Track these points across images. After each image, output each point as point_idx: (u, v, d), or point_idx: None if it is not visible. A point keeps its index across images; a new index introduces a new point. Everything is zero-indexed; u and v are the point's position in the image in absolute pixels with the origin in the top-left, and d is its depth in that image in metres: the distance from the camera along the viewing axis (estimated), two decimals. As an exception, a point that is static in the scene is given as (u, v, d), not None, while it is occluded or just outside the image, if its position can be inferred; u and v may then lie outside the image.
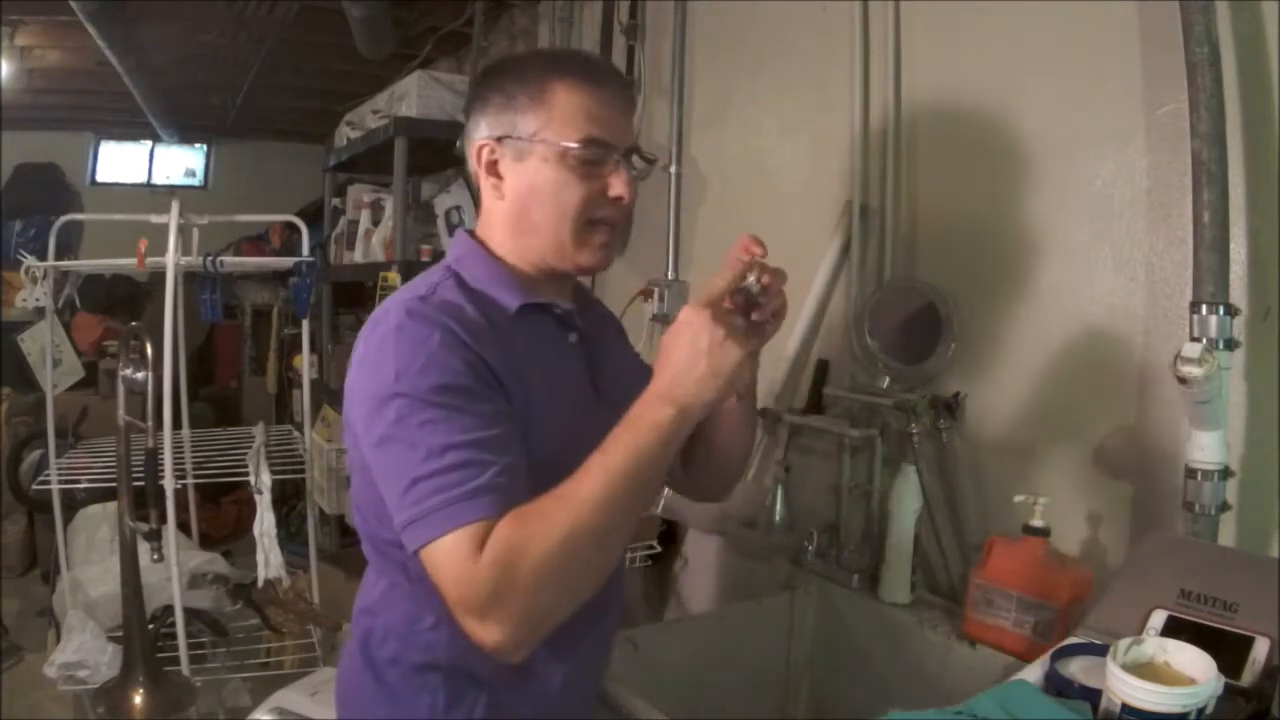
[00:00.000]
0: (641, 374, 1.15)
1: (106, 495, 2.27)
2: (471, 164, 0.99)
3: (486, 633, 0.78)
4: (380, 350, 0.87)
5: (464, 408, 0.83)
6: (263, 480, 2.03)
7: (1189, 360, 1.02)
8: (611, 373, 1.06)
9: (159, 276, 1.96)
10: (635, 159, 0.99)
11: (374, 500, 0.92)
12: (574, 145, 0.92)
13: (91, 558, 2.38)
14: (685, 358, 0.83)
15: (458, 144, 1.02)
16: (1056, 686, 0.88)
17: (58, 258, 2.17)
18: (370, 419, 0.85)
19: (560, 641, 0.88)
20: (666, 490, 1.50)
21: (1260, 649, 0.86)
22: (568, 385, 0.98)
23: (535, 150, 0.93)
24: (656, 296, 2.08)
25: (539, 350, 0.96)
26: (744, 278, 0.88)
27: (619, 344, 1.17)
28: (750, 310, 0.90)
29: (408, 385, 0.83)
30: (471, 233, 1.03)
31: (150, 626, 1.86)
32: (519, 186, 0.96)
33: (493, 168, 0.97)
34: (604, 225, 0.96)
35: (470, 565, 0.77)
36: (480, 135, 0.97)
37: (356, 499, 0.98)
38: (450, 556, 0.78)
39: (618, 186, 0.95)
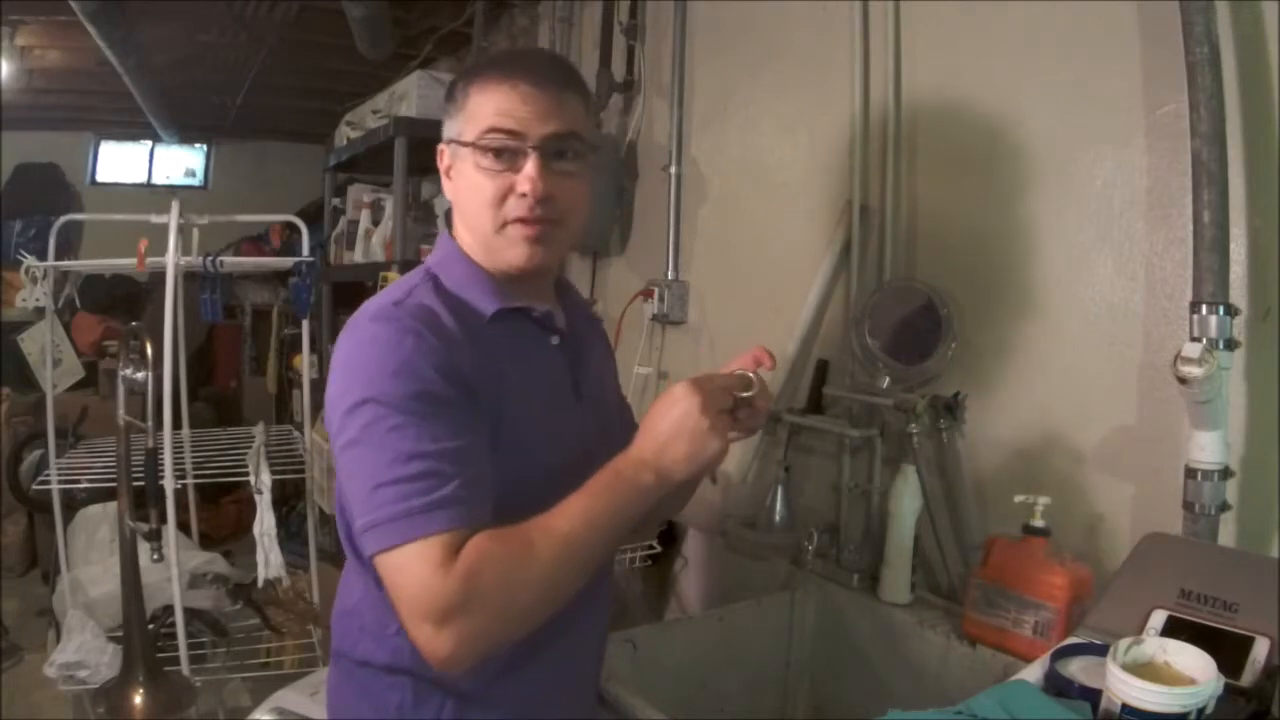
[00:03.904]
0: (611, 374, 1.18)
1: (106, 495, 2.27)
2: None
3: (439, 642, 0.78)
4: (353, 356, 0.88)
5: (434, 415, 0.83)
6: (263, 480, 2.03)
7: (1189, 360, 1.02)
8: (592, 374, 1.07)
9: (159, 276, 1.96)
10: (569, 150, 0.94)
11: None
12: (476, 140, 0.92)
13: (91, 558, 2.38)
14: (670, 433, 0.85)
15: None
16: (1056, 686, 0.88)
17: (58, 258, 2.17)
18: (343, 421, 0.85)
19: (535, 645, 0.89)
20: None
21: (1260, 649, 0.86)
22: (547, 389, 0.99)
23: (460, 153, 0.95)
24: (657, 296, 2.09)
25: (517, 355, 0.96)
26: (742, 389, 0.90)
27: (603, 345, 1.18)
28: (734, 409, 0.91)
29: (379, 390, 0.83)
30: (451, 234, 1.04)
31: (150, 626, 1.86)
32: (455, 187, 0.98)
33: (449, 171, 0.99)
34: (522, 223, 0.93)
35: (438, 574, 0.78)
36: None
37: (339, 503, 0.99)
38: (415, 563, 0.79)
39: (522, 182, 0.91)
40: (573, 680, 1.05)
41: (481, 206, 0.93)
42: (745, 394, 0.90)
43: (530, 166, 0.91)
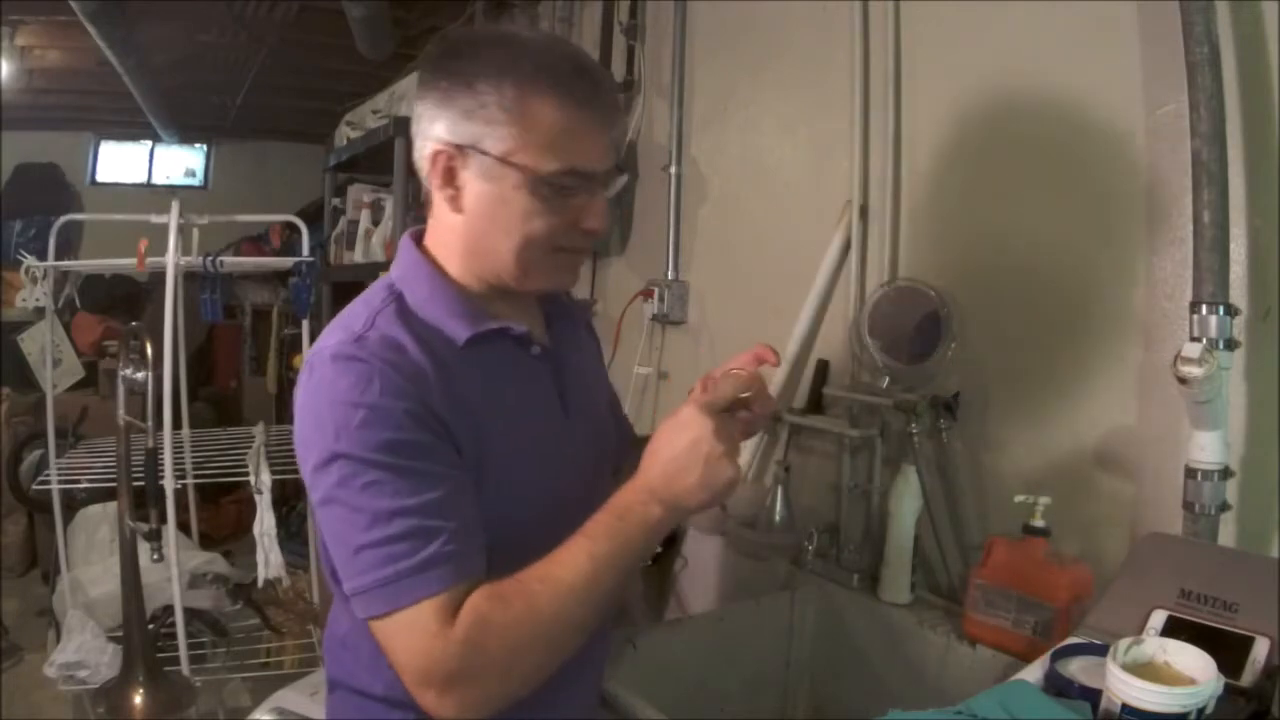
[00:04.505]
0: (601, 374, 1.14)
1: (106, 495, 2.27)
2: (422, 163, 0.88)
3: (444, 707, 0.76)
4: (316, 401, 0.80)
5: (409, 467, 0.78)
6: (263, 480, 2.03)
7: (1189, 360, 1.02)
8: (587, 378, 1.02)
9: (159, 276, 1.96)
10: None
11: None
12: (551, 176, 0.82)
13: (91, 558, 2.39)
14: (681, 462, 0.79)
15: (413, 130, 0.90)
16: (1056, 686, 0.88)
17: (58, 258, 2.18)
18: (313, 477, 0.80)
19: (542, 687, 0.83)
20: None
21: (1260, 649, 0.86)
22: (531, 410, 0.93)
23: (506, 174, 0.83)
24: (657, 296, 2.09)
25: (495, 379, 0.89)
26: (748, 389, 0.87)
27: (586, 343, 1.11)
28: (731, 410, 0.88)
29: (348, 444, 0.77)
30: (419, 240, 0.94)
31: (150, 626, 1.86)
32: (481, 205, 0.86)
33: (450, 176, 0.86)
34: (574, 253, 0.90)
35: (438, 639, 0.75)
36: (438, 136, 0.85)
37: (320, 538, 0.92)
38: (412, 629, 0.76)
39: (593, 219, 0.86)
40: (574, 700, 1.02)
41: (533, 237, 0.85)
42: (744, 395, 0.86)
43: (600, 204, 0.87)
